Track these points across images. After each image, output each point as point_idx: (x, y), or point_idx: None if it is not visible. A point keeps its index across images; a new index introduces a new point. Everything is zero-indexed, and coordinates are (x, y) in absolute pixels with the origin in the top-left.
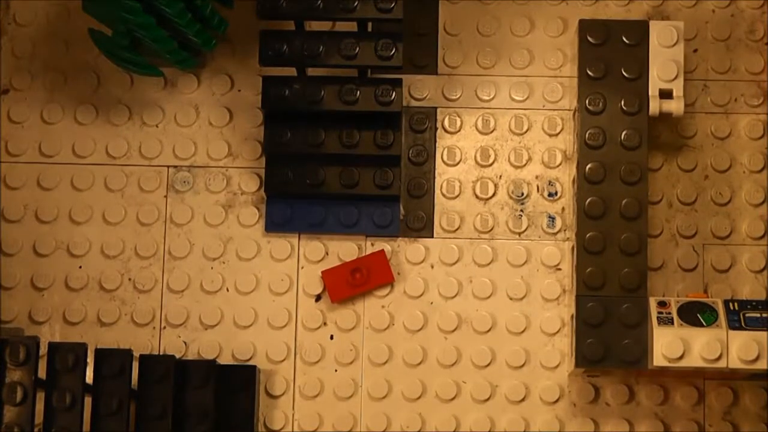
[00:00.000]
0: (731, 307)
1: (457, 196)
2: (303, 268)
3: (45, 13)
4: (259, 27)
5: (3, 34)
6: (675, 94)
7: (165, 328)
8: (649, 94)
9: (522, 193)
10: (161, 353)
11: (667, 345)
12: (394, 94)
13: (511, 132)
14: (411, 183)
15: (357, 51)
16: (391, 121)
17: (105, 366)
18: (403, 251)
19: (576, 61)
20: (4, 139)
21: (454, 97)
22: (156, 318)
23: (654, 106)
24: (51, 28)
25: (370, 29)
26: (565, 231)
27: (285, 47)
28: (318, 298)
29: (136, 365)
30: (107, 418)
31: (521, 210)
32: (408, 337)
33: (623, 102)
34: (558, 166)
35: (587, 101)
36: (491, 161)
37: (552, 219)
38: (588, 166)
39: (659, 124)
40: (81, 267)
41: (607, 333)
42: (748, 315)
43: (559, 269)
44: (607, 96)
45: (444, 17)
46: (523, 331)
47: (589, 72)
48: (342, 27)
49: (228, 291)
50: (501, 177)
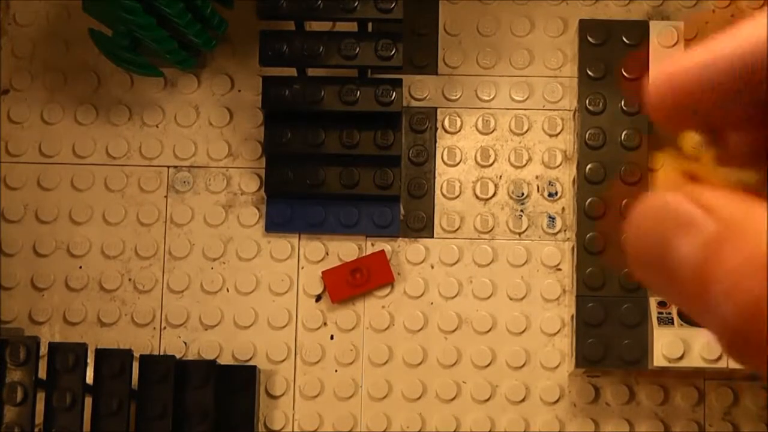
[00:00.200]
0: None
1: (458, 196)
2: (303, 268)
3: (45, 13)
4: (259, 27)
5: (3, 34)
6: None
7: (165, 328)
8: None
9: (522, 194)
10: (161, 353)
11: (668, 345)
12: (394, 94)
13: (511, 132)
14: (411, 183)
15: (357, 51)
16: (392, 121)
17: (105, 366)
18: (403, 251)
19: (576, 61)
20: (4, 140)
21: (454, 97)
22: (156, 318)
23: None
24: (51, 28)
25: (370, 29)
26: (566, 231)
27: (285, 47)
28: (318, 298)
29: (136, 365)
30: (107, 418)
31: (521, 210)
32: (408, 338)
33: (623, 102)
34: (558, 166)
35: (587, 101)
36: (491, 161)
37: (552, 219)
38: (588, 166)
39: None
40: (81, 267)
41: (607, 333)
42: None
43: (560, 269)
44: (608, 96)
45: (444, 17)
46: (523, 332)
47: (590, 72)
48: (342, 27)
49: (228, 291)
50: (501, 177)
